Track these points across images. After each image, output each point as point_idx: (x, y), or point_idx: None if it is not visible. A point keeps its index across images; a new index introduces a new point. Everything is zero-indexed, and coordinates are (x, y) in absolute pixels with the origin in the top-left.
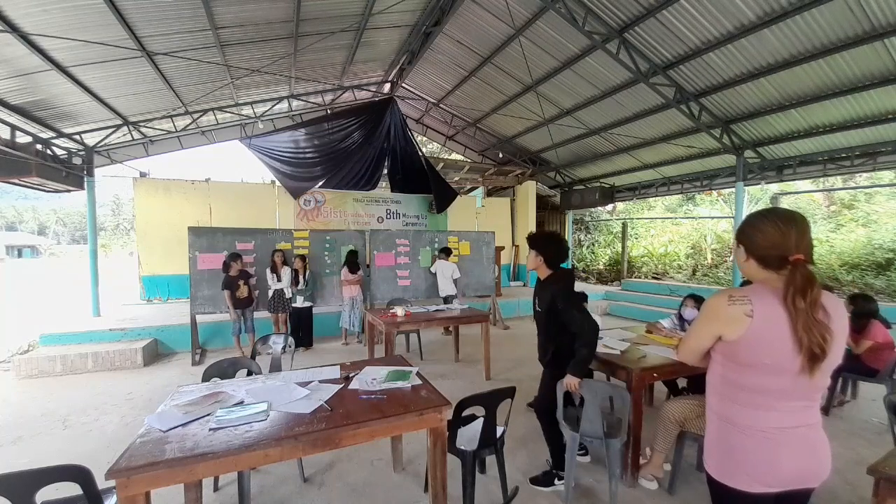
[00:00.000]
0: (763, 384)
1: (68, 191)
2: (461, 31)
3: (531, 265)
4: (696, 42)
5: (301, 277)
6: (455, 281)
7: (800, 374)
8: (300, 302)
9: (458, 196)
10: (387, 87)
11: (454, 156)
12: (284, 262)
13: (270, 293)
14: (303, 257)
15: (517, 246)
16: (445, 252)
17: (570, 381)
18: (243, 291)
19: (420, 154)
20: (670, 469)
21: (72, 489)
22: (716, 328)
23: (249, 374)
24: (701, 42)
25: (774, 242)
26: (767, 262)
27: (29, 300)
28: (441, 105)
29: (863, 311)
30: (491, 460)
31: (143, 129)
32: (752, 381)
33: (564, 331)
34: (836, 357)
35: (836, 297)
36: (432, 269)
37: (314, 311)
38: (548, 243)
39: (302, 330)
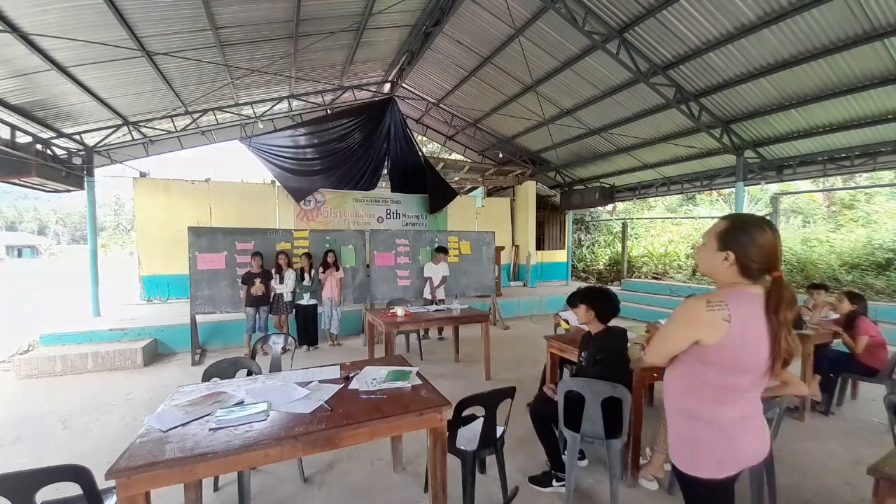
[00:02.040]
0: (731, 383)
1: (68, 191)
2: (461, 31)
3: (582, 319)
4: (696, 42)
5: (307, 275)
6: (443, 279)
7: (765, 374)
8: (306, 299)
9: (458, 196)
10: (387, 87)
11: (454, 156)
12: (289, 265)
13: (272, 295)
14: (308, 255)
15: (517, 246)
16: (443, 251)
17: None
18: (258, 289)
19: (420, 154)
20: (670, 469)
21: (72, 489)
22: (693, 333)
23: (249, 374)
24: (701, 42)
25: (769, 256)
26: (750, 272)
27: (29, 300)
28: (441, 105)
29: (858, 310)
30: (491, 460)
31: (143, 129)
32: (721, 380)
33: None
34: None
35: None
36: (427, 273)
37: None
38: (598, 298)
39: (308, 328)
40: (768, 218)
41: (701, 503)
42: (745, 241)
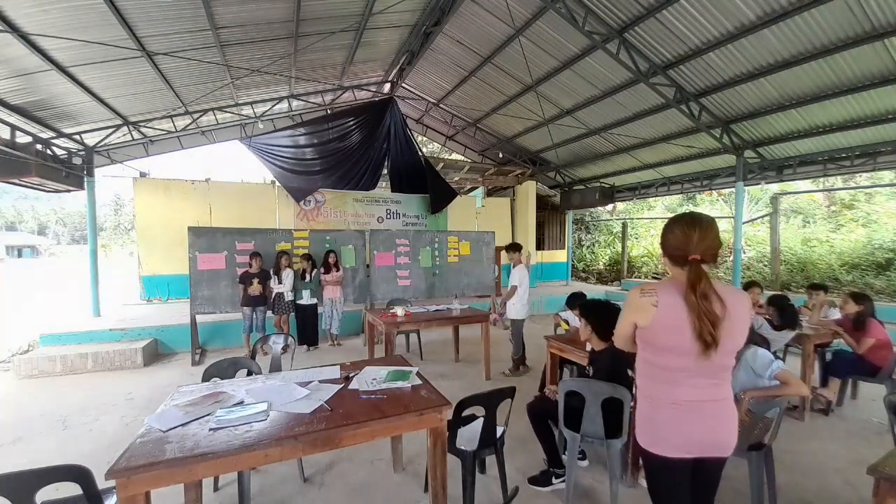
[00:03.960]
0: (671, 363)
1: (68, 191)
2: (461, 31)
3: (583, 335)
4: (696, 42)
5: (308, 275)
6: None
7: (698, 356)
8: (307, 298)
9: (458, 196)
10: (387, 87)
11: (454, 156)
12: (288, 265)
13: (272, 295)
14: (308, 256)
15: None
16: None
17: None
18: (255, 289)
19: (420, 154)
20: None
21: (72, 489)
22: (632, 316)
23: (249, 374)
24: (701, 42)
25: (679, 244)
26: (676, 261)
27: (29, 300)
28: (441, 105)
29: (865, 311)
30: (491, 460)
31: (143, 129)
32: (663, 360)
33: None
34: (733, 342)
35: (740, 291)
36: (514, 281)
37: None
38: (597, 313)
39: (308, 328)
40: (767, 217)
41: (657, 480)
42: (665, 235)
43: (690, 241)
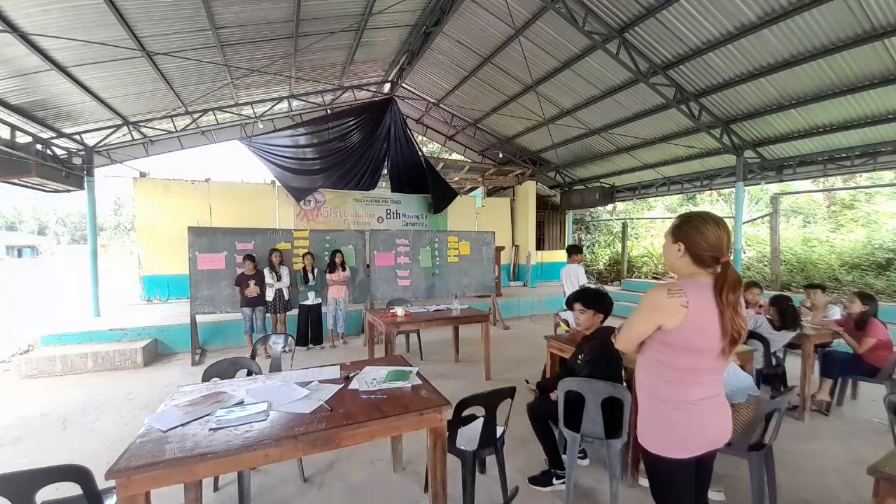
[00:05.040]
0: (691, 364)
1: (68, 191)
2: (461, 31)
3: (586, 323)
4: (696, 42)
5: (310, 275)
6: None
7: (720, 354)
8: (311, 299)
9: (458, 196)
10: (387, 87)
11: (454, 156)
12: (282, 262)
13: (271, 294)
14: (311, 254)
15: (517, 246)
16: (576, 251)
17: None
18: (253, 291)
19: (420, 154)
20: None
21: (72, 489)
22: (657, 318)
23: (249, 374)
24: (701, 42)
25: (713, 245)
26: (702, 261)
27: (29, 300)
28: (441, 105)
29: (870, 311)
30: (491, 460)
31: (143, 129)
32: (683, 362)
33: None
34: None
35: None
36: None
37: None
38: (605, 301)
39: (312, 328)
40: (767, 217)
41: (666, 484)
42: (691, 232)
43: (723, 243)
